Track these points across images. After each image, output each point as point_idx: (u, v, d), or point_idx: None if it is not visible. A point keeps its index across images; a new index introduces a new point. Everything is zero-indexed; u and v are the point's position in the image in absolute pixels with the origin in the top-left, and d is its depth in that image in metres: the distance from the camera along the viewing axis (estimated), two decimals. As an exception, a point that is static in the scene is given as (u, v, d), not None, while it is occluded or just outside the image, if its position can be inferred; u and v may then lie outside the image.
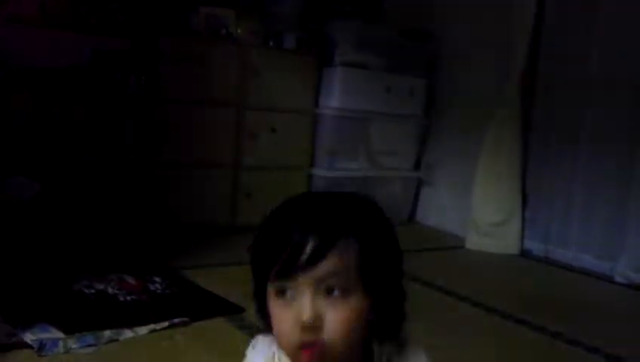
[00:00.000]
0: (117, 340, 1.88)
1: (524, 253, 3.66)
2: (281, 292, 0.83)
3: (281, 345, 0.87)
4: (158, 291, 2.34)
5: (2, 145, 2.99)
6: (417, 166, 4.32)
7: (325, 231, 0.82)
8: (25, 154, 3.07)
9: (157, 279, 2.46)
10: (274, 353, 0.95)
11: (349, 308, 0.82)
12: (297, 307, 0.81)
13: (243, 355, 1.04)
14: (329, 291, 0.81)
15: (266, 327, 0.90)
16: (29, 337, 1.79)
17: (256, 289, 0.89)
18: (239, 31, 3.58)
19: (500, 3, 3.72)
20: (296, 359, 0.85)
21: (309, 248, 0.80)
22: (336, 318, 0.81)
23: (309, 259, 0.80)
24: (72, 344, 1.80)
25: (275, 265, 0.82)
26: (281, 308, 0.84)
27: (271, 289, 0.85)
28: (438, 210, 4.24)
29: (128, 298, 2.22)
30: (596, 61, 3.34)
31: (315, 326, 0.80)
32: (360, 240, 0.84)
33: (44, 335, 1.81)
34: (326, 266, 0.81)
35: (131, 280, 2.40)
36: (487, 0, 3.85)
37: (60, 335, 1.83)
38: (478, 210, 3.74)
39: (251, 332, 2.01)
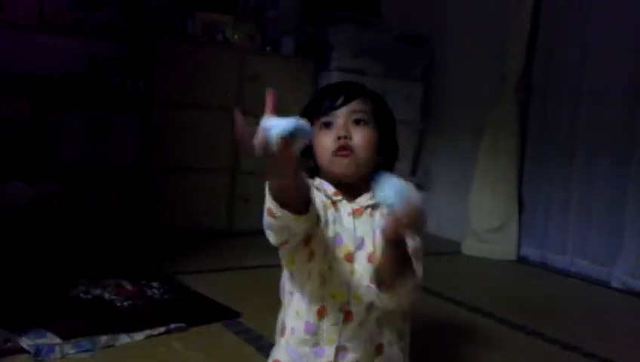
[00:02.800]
0: (113, 345, 1.88)
1: (521, 259, 3.66)
2: (325, 125, 1.35)
3: (322, 158, 1.35)
4: (155, 296, 2.34)
5: (0, 150, 2.98)
6: (414, 171, 4.32)
7: (353, 88, 1.39)
8: (22, 160, 3.07)
9: (154, 284, 2.45)
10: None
11: (368, 132, 1.35)
12: (336, 129, 1.33)
13: (240, 360, 1.05)
14: (356, 121, 1.35)
15: (307, 157, 1.36)
16: (25, 342, 1.78)
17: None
18: (236, 36, 3.59)
19: (495, 8, 3.73)
20: (332, 165, 1.34)
21: (343, 96, 1.36)
22: (360, 135, 1.33)
23: (344, 101, 1.35)
24: (69, 349, 1.80)
25: (323, 107, 1.36)
26: (325, 134, 1.34)
27: (318, 125, 1.35)
28: (434, 216, 4.23)
29: (125, 303, 2.22)
30: (591, 66, 3.35)
31: (346, 137, 1.32)
32: (372, 100, 1.40)
33: (40, 341, 1.80)
34: (354, 105, 1.36)
35: (128, 286, 2.40)
36: (483, 5, 3.86)
37: (57, 340, 1.82)
38: (475, 216, 3.75)
39: (248, 336, 2.01)
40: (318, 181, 1.38)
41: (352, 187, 1.36)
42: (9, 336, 1.82)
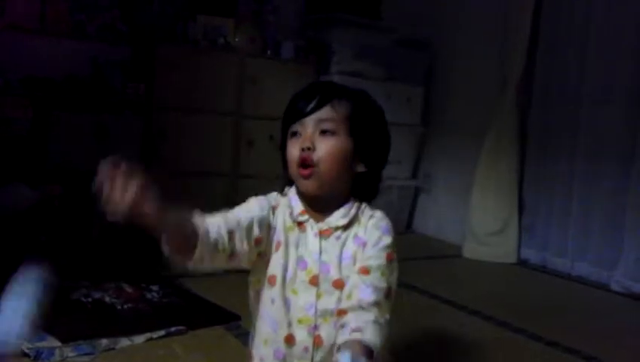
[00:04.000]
0: (114, 349, 1.88)
1: (522, 262, 3.66)
2: (293, 133, 1.26)
3: (290, 170, 1.27)
4: (155, 300, 2.34)
5: (1, 153, 2.99)
6: (415, 174, 4.33)
7: (324, 93, 1.27)
8: (24, 163, 3.07)
9: (154, 288, 2.46)
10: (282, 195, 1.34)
11: (335, 142, 1.24)
12: (301, 139, 1.24)
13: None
14: (322, 132, 1.24)
15: (283, 166, 1.31)
16: (25, 345, 1.79)
17: (281, 143, 1.31)
18: (237, 40, 3.59)
19: (496, 12, 3.73)
20: (297, 180, 1.26)
21: (312, 103, 1.25)
22: (323, 147, 1.23)
23: (313, 108, 1.25)
24: (69, 352, 1.80)
25: (291, 115, 1.27)
26: (292, 142, 1.26)
27: (288, 134, 1.27)
28: (435, 219, 4.24)
29: (125, 306, 2.22)
30: (592, 69, 3.35)
31: (309, 149, 1.22)
32: (352, 102, 1.28)
33: (40, 344, 1.81)
34: (324, 112, 1.25)
35: (129, 289, 2.40)
36: (484, 9, 3.87)
37: (57, 343, 1.83)
38: (476, 219, 3.74)
39: (248, 340, 2.01)
40: (289, 195, 1.32)
41: (323, 202, 1.28)
42: (9, 339, 1.82)
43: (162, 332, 2.01)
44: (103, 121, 3.25)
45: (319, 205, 1.29)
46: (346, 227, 1.28)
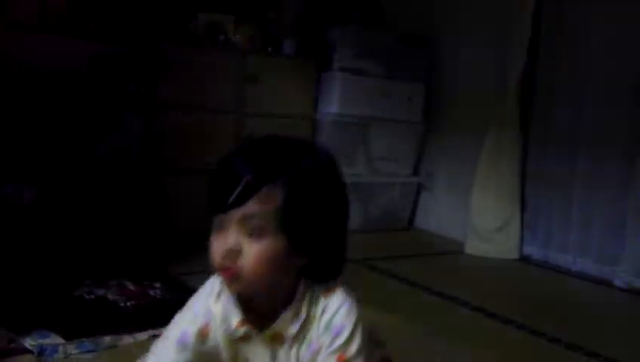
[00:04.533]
0: (116, 346, 1.88)
1: (524, 258, 3.66)
2: (218, 225, 1.02)
3: (213, 266, 1.04)
4: (158, 297, 2.34)
5: (1, 150, 2.99)
6: (416, 171, 4.32)
7: (254, 177, 0.97)
8: (23, 159, 3.07)
9: (157, 285, 2.46)
10: (219, 286, 1.14)
11: (263, 246, 0.98)
12: (222, 239, 1.00)
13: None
14: (250, 230, 0.98)
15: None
16: (28, 342, 1.79)
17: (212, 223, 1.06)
18: (238, 37, 3.59)
19: (498, 10, 3.73)
20: (223, 282, 1.06)
21: (237, 191, 0.97)
22: (250, 252, 0.98)
23: (235, 201, 0.97)
24: (72, 349, 1.80)
25: (210, 204, 1.03)
26: (215, 237, 1.03)
27: (213, 224, 1.04)
28: (437, 215, 4.24)
29: (128, 304, 2.22)
30: (595, 64, 3.34)
31: (233, 254, 0.99)
32: (288, 186, 0.98)
33: (43, 341, 1.81)
34: (246, 209, 0.97)
35: (131, 286, 2.40)
36: (486, 7, 3.86)
37: (60, 340, 1.83)
38: (478, 215, 3.74)
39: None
40: (223, 300, 1.12)
41: (263, 305, 1.07)
42: (12, 337, 1.82)
43: (165, 330, 2.01)
44: (103, 119, 3.25)
45: (258, 309, 1.08)
46: (297, 334, 1.07)
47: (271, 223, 0.98)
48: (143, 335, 1.95)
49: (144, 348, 1.88)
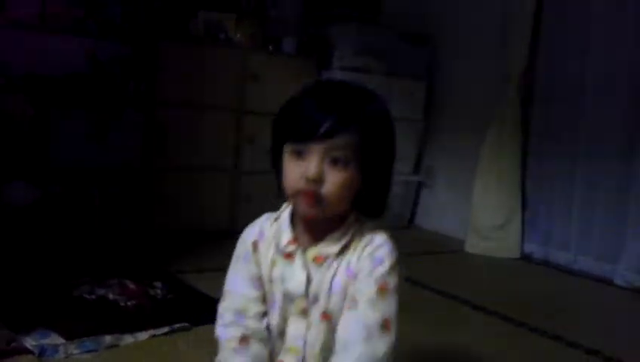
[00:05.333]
0: (117, 345, 1.88)
1: (525, 256, 3.66)
2: (296, 153, 1.11)
3: (287, 189, 1.14)
4: (159, 296, 2.34)
5: (2, 150, 2.99)
6: (417, 169, 4.32)
7: (340, 116, 1.09)
8: (25, 160, 3.07)
9: (157, 284, 2.46)
10: (274, 218, 1.25)
11: (346, 175, 1.10)
12: (306, 165, 1.09)
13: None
14: (334, 160, 1.09)
15: (276, 176, 1.19)
16: (29, 342, 1.79)
17: (273, 147, 1.19)
18: (238, 35, 3.59)
19: (498, 6, 3.72)
20: (295, 201, 1.14)
21: (325, 125, 1.07)
22: (334, 180, 1.09)
23: (325, 134, 1.07)
24: (73, 349, 1.80)
25: (296, 133, 1.11)
26: (294, 163, 1.11)
27: (288, 150, 1.13)
28: (437, 213, 4.24)
29: (129, 303, 2.22)
30: (595, 62, 3.35)
31: (316, 181, 1.08)
32: (363, 129, 1.11)
33: (44, 341, 1.81)
34: (336, 141, 1.08)
35: (132, 286, 2.40)
36: (486, 3, 3.85)
37: (61, 340, 1.83)
38: (478, 213, 3.74)
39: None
40: (280, 220, 1.24)
41: (320, 225, 1.18)
42: (13, 337, 1.82)
43: (166, 329, 2.01)
44: (103, 118, 3.25)
45: (314, 229, 1.19)
46: (338, 254, 1.17)
47: (352, 155, 1.10)
48: (144, 335, 1.95)
49: (145, 348, 1.89)
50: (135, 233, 3.32)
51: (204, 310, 2.25)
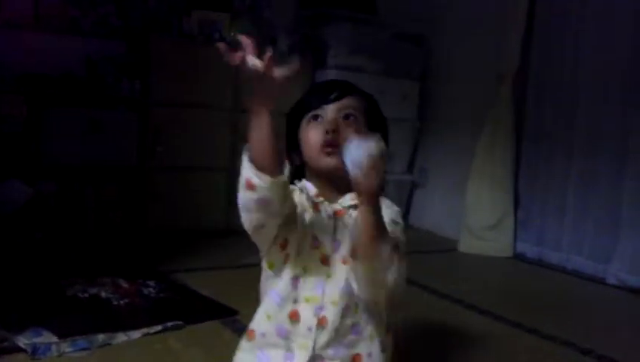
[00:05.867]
0: (110, 344, 1.88)
1: (518, 256, 3.67)
2: (314, 118, 1.33)
3: (309, 152, 1.33)
4: (152, 295, 2.34)
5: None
6: (410, 169, 4.33)
7: (345, 86, 1.38)
8: (19, 159, 3.07)
9: (150, 283, 2.45)
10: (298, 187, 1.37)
11: (357, 127, 1.31)
12: (324, 123, 1.31)
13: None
14: (346, 116, 1.32)
15: (290, 162, 1.25)
16: (22, 341, 1.78)
17: (288, 133, 1.38)
18: (232, 34, 3.58)
19: (492, 6, 3.73)
20: (319, 158, 1.31)
21: (335, 93, 1.33)
22: (347, 129, 1.30)
23: (337, 96, 1.33)
24: (66, 348, 1.80)
25: (312, 103, 1.34)
26: (313, 127, 1.33)
27: (306, 119, 1.34)
28: (431, 213, 4.25)
29: (122, 302, 2.22)
30: (588, 62, 3.36)
31: (334, 132, 1.28)
32: (366, 98, 1.39)
33: (37, 340, 1.80)
34: (346, 101, 1.34)
35: (125, 284, 2.40)
36: (480, 4, 3.86)
37: (54, 339, 1.82)
38: (472, 213, 3.75)
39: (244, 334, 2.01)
40: (301, 183, 1.37)
41: (338, 184, 1.32)
42: (5, 335, 1.82)
43: (159, 327, 2.01)
44: (97, 117, 3.24)
45: (333, 186, 1.34)
46: (357, 206, 1.27)
47: (361, 115, 1.34)
48: (136, 333, 1.95)
49: (138, 346, 1.89)
50: (129, 232, 3.32)
51: (197, 308, 2.25)
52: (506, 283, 3.21)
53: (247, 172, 1.17)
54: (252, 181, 1.16)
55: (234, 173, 3.92)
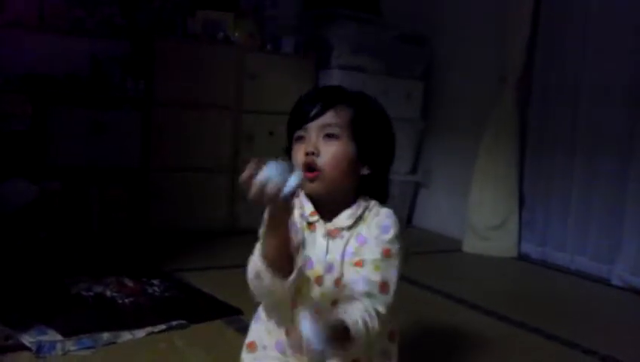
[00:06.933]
0: (115, 342, 1.88)
1: (522, 256, 3.67)
2: (298, 138, 1.31)
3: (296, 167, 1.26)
4: (156, 294, 2.34)
5: (1, 149, 2.99)
6: (414, 169, 4.33)
7: (327, 99, 1.32)
8: (24, 158, 3.08)
9: (155, 282, 2.46)
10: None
11: (338, 146, 1.28)
12: (305, 144, 1.28)
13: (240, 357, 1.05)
14: (327, 136, 1.28)
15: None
16: (27, 339, 1.79)
17: (287, 145, 1.36)
18: (237, 34, 3.59)
19: (496, 7, 3.73)
20: (304, 183, 1.22)
21: (314, 110, 1.29)
22: (327, 150, 1.27)
23: (316, 113, 1.29)
24: (70, 346, 1.80)
25: (296, 123, 1.32)
26: (297, 146, 1.30)
27: (294, 139, 1.32)
28: (435, 214, 4.24)
29: (126, 300, 2.23)
30: (592, 63, 3.35)
31: (313, 153, 1.27)
32: (354, 107, 1.32)
33: (42, 338, 1.81)
34: (327, 118, 1.29)
35: (129, 283, 2.41)
36: (484, 4, 3.86)
37: (58, 337, 1.83)
38: (476, 213, 3.75)
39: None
40: (300, 196, 1.35)
41: (330, 204, 1.32)
42: (10, 333, 1.82)
43: (163, 326, 2.01)
44: (102, 117, 3.25)
45: (327, 207, 1.33)
46: (350, 227, 1.31)
47: (344, 131, 1.29)
48: (141, 332, 1.96)
49: (142, 345, 1.90)
50: (133, 231, 3.33)
51: (202, 308, 2.26)
52: (510, 283, 3.20)
53: (258, 265, 1.19)
54: (260, 275, 1.19)
55: (236, 172, 3.94)
